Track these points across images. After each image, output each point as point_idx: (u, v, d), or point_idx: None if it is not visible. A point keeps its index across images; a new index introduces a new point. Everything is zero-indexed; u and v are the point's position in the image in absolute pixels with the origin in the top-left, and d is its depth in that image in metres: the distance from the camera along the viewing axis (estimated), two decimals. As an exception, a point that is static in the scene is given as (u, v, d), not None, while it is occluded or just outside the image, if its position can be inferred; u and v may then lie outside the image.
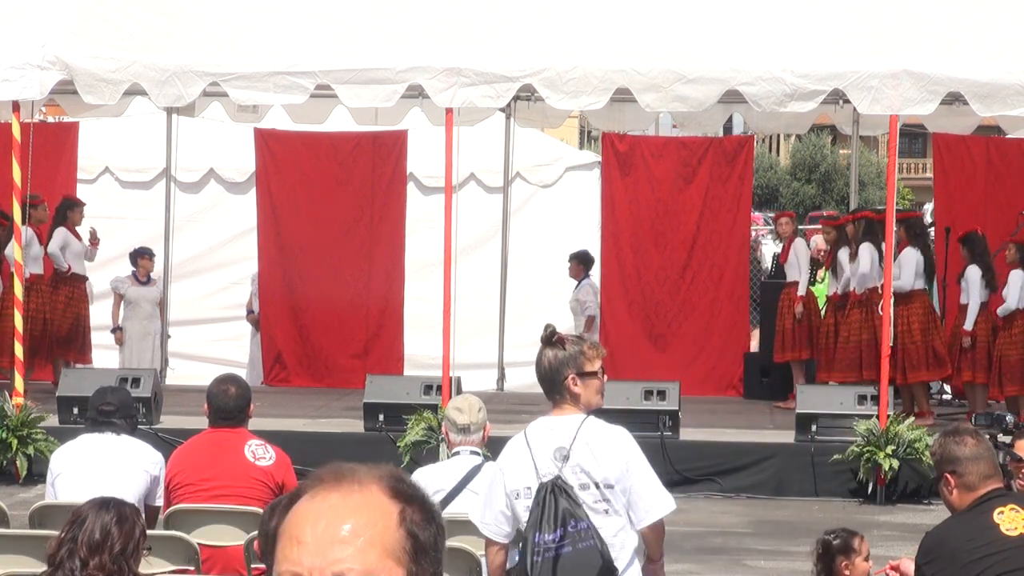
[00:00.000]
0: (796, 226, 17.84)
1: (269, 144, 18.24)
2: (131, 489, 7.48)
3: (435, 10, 14.41)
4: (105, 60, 14.03)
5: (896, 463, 13.29)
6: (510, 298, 18.39)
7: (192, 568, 7.11)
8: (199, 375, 15.94)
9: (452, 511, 7.42)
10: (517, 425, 6.40)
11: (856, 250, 15.71)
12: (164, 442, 11.42)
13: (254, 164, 18.41)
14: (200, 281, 19.73)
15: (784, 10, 14.33)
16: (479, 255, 18.71)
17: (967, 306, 15.52)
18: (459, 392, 12.99)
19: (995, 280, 15.49)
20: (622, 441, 6.05)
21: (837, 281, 16.17)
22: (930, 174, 22.40)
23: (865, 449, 13.37)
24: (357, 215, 18.13)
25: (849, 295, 15.91)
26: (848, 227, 16.16)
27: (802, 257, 16.87)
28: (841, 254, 16.05)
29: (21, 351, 14.33)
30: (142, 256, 17.78)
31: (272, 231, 18.21)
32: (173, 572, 7.09)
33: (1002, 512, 5.79)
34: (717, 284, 17.99)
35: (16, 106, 14.23)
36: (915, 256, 15.69)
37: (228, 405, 7.82)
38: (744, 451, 14.15)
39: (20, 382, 14.26)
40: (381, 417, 14.13)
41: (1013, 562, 5.69)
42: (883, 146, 48.90)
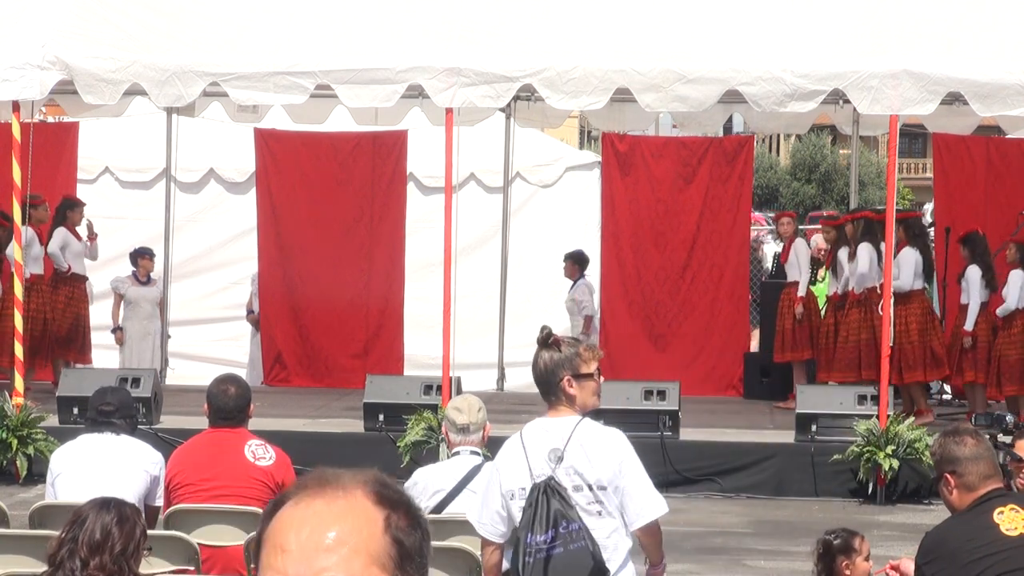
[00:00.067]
0: (797, 226, 17.84)
1: (269, 144, 18.24)
2: (131, 489, 7.48)
3: (435, 10, 14.41)
4: (105, 60, 14.03)
5: (896, 463, 13.29)
6: (510, 298, 18.38)
7: (192, 568, 7.11)
8: (199, 375, 15.93)
9: (452, 511, 7.42)
10: (517, 425, 6.40)
11: (855, 250, 15.72)
12: (164, 442, 11.42)
13: (254, 164, 18.41)
14: (200, 281, 19.72)
15: (784, 10, 14.33)
16: (479, 255, 18.70)
17: (967, 306, 15.52)
18: (459, 392, 12.99)
19: (995, 280, 15.48)
20: (616, 443, 6.06)
21: (837, 281, 16.17)
22: (930, 174, 22.39)
23: (865, 449, 13.37)
24: (357, 215, 18.13)
25: (848, 295, 15.92)
26: (847, 227, 16.16)
27: (802, 257, 16.86)
28: (841, 254, 16.04)
29: (21, 351, 14.34)
30: (142, 256, 17.78)
31: (272, 231, 18.20)
32: (173, 572, 7.09)
33: (1002, 512, 5.79)
34: (717, 284, 18.00)
35: (16, 106, 14.22)
36: (914, 256, 15.69)
37: (228, 405, 7.82)
38: (744, 451, 14.15)
39: (20, 382, 14.25)
40: (381, 417, 14.13)
41: (1013, 562, 5.69)
42: (883, 146, 48.88)
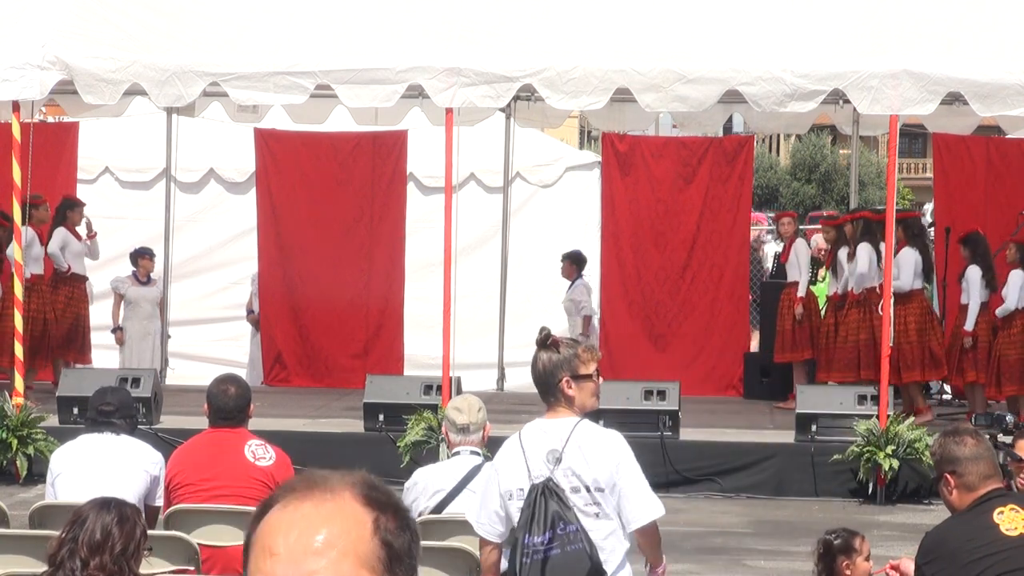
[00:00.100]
0: (797, 226, 17.84)
1: (269, 144, 18.24)
2: (131, 489, 7.48)
3: (435, 10, 14.41)
4: (105, 60, 14.03)
5: (896, 463, 13.29)
6: (510, 298, 18.38)
7: (192, 568, 7.11)
8: (199, 375, 15.93)
9: (452, 511, 7.43)
10: (517, 425, 6.41)
11: (854, 250, 15.72)
12: (164, 442, 11.42)
13: (254, 164, 18.40)
14: (200, 281, 19.72)
15: (784, 10, 14.32)
16: (479, 255, 18.70)
17: (967, 306, 15.52)
18: (459, 392, 12.99)
19: (995, 280, 15.48)
20: (614, 445, 6.06)
21: (837, 281, 16.17)
22: (930, 174, 22.39)
23: (865, 449, 13.37)
24: (357, 215, 18.13)
25: (847, 295, 15.91)
26: (846, 227, 16.17)
27: (802, 257, 16.85)
28: (841, 254, 16.04)
29: (21, 351, 14.34)
30: (142, 256, 17.78)
31: (272, 231, 18.20)
32: (173, 572, 7.09)
33: (1002, 512, 5.79)
34: (717, 284, 18.00)
35: (16, 106, 14.22)
36: (913, 256, 15.69)
37: (228, 405, 7.82)
38: (744, 451, 14.15)
39: (20, 382, 14.25)
40: (381, 417, 14.13)
41: (1013, 562, 5.69)
42: (883, 146, 48.88)
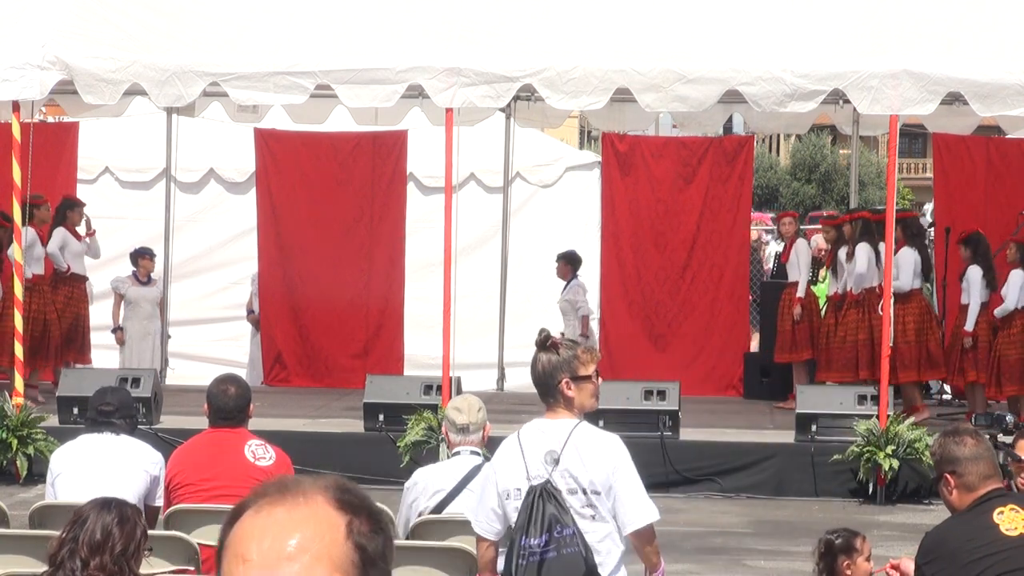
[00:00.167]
0: (799, 226, 17.83)
1: (269, 144, 18.24)
2: (131, 489, 7.48)
3: (435, 10, 14.41)
4: (105, 60, 14.03)
5: (896, 463, 13.29)
6: (510, 298, 18.37)
7: (192, 568, 7.11)
8: (199, 375, 15.93)
9: (452, 511, 7.42)
10: (517, 425, 6.41)
11: (853, 250, 15.72)
12: (164, 442, 11.42)
13: (254, 164, 18.41)
14: (200, 281, 19.72)
15: (784, 10, 14.32)
16: (479, 255, 18.69)
17: (968, 306, 15.51)
18: (459, 392, 12.98)
19: (996, 280, 15.47)
20: (611, 448, 6.08)
21: (837, 281, 16.17)
22: (930, 174, 22.39)
23: (865, 449, 13.36)
24: (357, 215, 18.13)
25: (847, 295, 15.91)
26: (845, 227, 16.17)
27: (803, 257, 16.84)
28: (841, 254, 16.05)
29: (21, 351, 14.34)
30: (142, 256, 17.78)
31: (272, 231, 18.20)
32: (173, 572, 7.09)
33: (1002, 512, 5.79)
34: (717, 284, 18.00)
35: (16, 106, 14.22)
36: (913, 256, 15.70)
37: (228, 405, 7.81)
38: (744, 451, 14.15)
39: (20, 382, 14.25)
40: (381, 417, 14.13)
41: (1013, 562, 5.69)
42: (883, 146, 48.88)
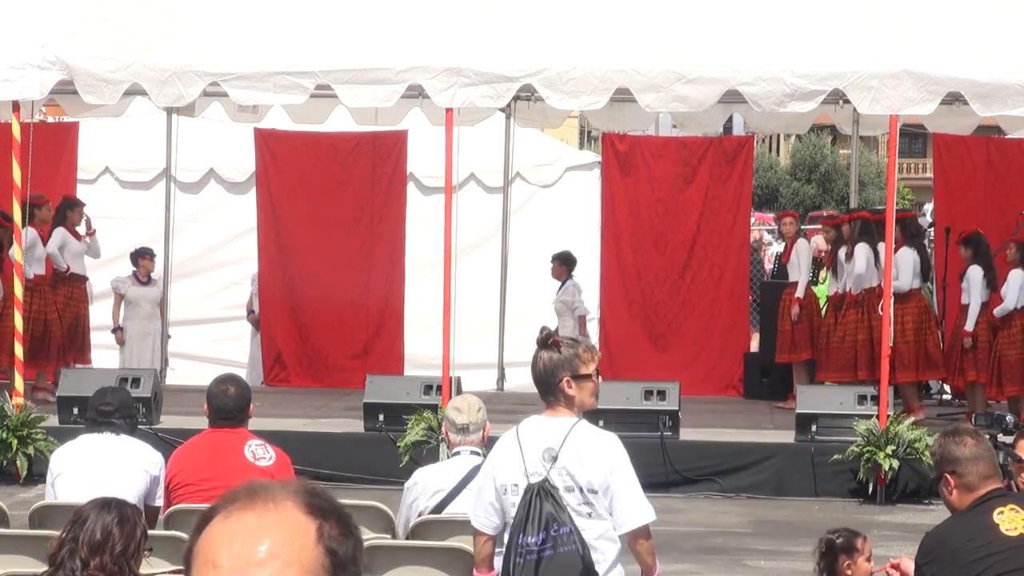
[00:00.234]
0: (799, 226, 17.83)
1: (269, 144, 18.24)
2: (131, 489, 7.48)
3: (435, 10, 14.41)
4: (105, 60, 14.03)
5: (896, 463, 13.29)
6: (510, 298, 18.37)
7: (192, 568, 7.10)
8: (199, 375, 15.93)
9: (452, 511, 7.43)
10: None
11: (851, 250, 15.72)
12: (164, 442, 11.42)
13: (254, 164, 18.41)
14: (200, 281, 19.72)
15: (784, 10, 14.32)
16: (479, 255, 18.69)
17: (968, 306, 15.51)
18: (459, 392, 12.99)
19: (996, 280, 15.47)
20: (610, 448, 6.09)
21: (838, 281, 16.17)
22: (930, 174, 22.39)
23: (865, 449, 13.36)
24: (357, 215, 18.13)
25: (846, 295, 15.92)
26: (844, 227, 16.17)
27: (803, 258, 16.83)
28: (841, 254, 16.05)
29: (21, 351, 14.34)
30: (143, 256, 17.77)
31: (272, 231, 18.21)
32: (173, 572, 7.09)
33: (1002, 512, 5.79)
34: (717, 284, 18.00)
35: (16, 106, 14.22)
36: (911, 256, 15.70)
37: (228, 405, 7.81)
38: (744, 451, 14.15)
39: (20, 382, 14.25)
40: (381, 417, 14.13)
41: (1013, 562, 5.69)
42: (883, 146, 48.88)
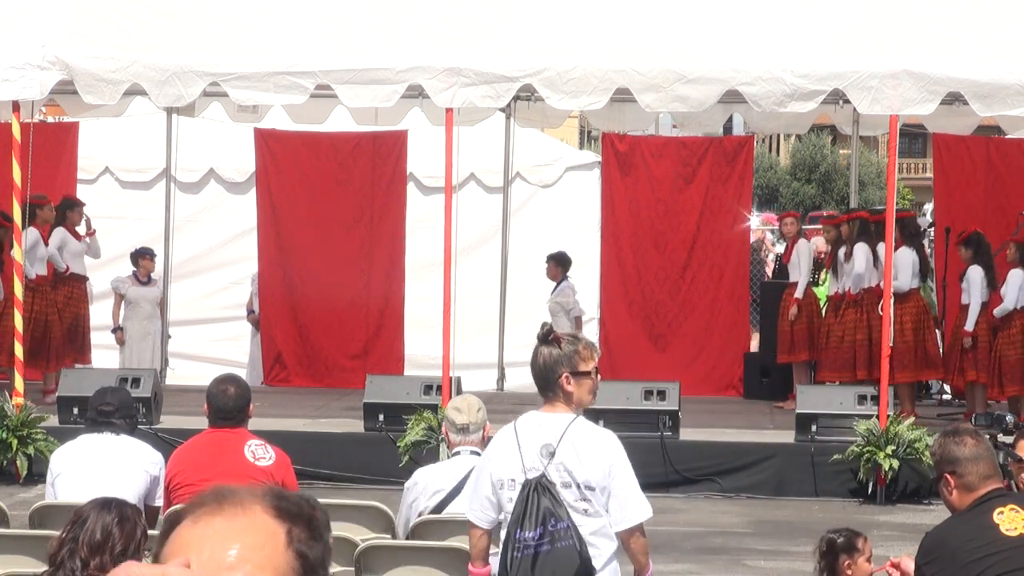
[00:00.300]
0: (800, 226, 17.83)
1: (269, 144, 18.24)
2: (131, 489, 7.48)
3: (435, 10, 14.41)
4: (105, 60, 14.03)
5: (896, 463, 13.29)
6: (510, 298, 18.37)
7: (192, 568, 7.10)
8: (199, 375, 15.93)
9: (452, 511, 7.43)
10: (517, 426, 6.42)
11: (851, 250, 15.72)
12: (164, 442, 11.42)
13: (254, 164, 18.41)
14: (200, 281, 19.72)
15: (784, 10, 14.32)
16: (479, 255, 18.69)
17: (968, 306, 15.51)
18: (459, 392, 12.98)
19: (996, 280, 15.47)
20: (608, 445, 6.10)
21: (838, 281, 16.17)
22: (930, 174, 22.39)
23: (865, 449, 13.36)
24: (357, 215, 18.13)
25: (845, 295, 15.92)
26: (843, 227, 16.17)
27: (803, 258, 16.83)
28: (840, 254, 16.05)
29: (21, 351, 14.34)
30: (143, 256, 17.77)
31: (272, 231, 18.20)
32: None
33: (1002, 512, 5.79)
34: (717, 284, 18.00)
35: (16, 106, 14.22)
36: (910, 256, 15.70)
37: (228, 405, 7.81)
38: (744, 451, 14.15)
39: (20, 382, 14.25)
40: (381, 417, 14.13)
41: (1013, 562, 5.69)
42: (883, 146, 48.88)
